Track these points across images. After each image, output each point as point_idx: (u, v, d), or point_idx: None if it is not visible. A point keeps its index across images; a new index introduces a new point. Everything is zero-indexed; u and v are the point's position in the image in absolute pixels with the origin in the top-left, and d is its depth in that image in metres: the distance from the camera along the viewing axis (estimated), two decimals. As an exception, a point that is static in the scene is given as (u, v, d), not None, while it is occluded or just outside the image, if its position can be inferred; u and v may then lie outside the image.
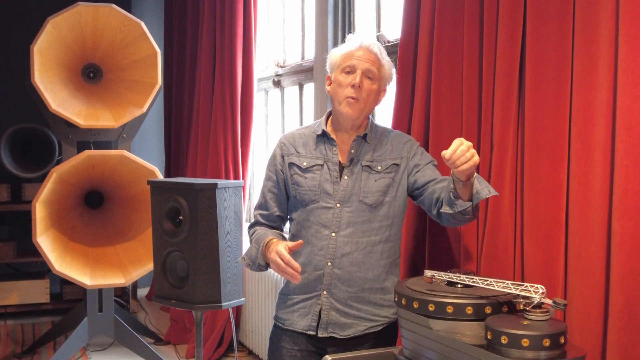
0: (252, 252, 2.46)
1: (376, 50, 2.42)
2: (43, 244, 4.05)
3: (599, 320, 1.94)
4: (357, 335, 2.39)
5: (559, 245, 2.10)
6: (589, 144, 1.99)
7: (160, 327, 5.38)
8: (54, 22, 4.08)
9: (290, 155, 2.48)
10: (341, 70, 2.40)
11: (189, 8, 5.51)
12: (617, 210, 1.86)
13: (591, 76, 1.99)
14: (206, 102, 4.93)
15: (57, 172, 4.05)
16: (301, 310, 2.43)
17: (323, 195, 2.39)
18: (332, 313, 2.38)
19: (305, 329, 2.41)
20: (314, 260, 2.38)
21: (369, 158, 2.41)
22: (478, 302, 1.87)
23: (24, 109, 5.75)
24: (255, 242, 2.46)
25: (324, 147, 2.45)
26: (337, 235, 2.36)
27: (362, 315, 2.39)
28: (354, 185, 2.38)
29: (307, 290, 2.41)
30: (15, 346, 5.02)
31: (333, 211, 2.37)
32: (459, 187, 2.10)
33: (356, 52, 2.40)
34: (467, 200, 2.12)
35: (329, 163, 2.42)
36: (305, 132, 2.52)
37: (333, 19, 3.88)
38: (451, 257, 2.55)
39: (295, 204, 2.47)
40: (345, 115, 2.39)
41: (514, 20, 2.24)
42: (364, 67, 2.37)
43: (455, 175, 2.07)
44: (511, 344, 1.69)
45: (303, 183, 2.43)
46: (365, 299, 2.39)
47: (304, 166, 2.44)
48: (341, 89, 2.39)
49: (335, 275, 2.36)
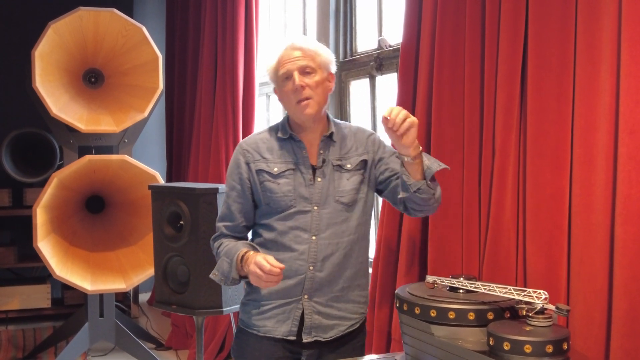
0: (224, 266, 2.35)
1: (301, 44, 2.35)
2: (44, 249, 4.04)
3: (602, 326, 1.93)
4: (339, 336, 2.38)
5: (561, 251, 2.09)
6: (591, 149, 1.99)
7: (161, 333, 5.37)
8: (55, 27, 4.08)
9: (257, 161, 2.38)
10: (281, 80, 2.34)
11: (190, 13, 5.52)
12: (620, 216, 1.86)
13: (593, 81, 1.99)
14: (207, 107, 4.92)
15: (57, 177, 4.04)
16: (279, 316, 2.36)
17: (299, 200, 2.32)
18: (315, 316, 2.34)
19: (285, 335, 2.35)
20: (294, 266, 2.31)
21: (337, 157, 2.38)
22: (480, 308, 1.86)
23: (25, 114, 5.74)
24: (226, 256, 2.35)
25: (292, 150, 2.37)
26: (318, 238, 2.32)
27: (343, 315, 2.38)
28: (329, 186, 2.34)
29: (285, 295, 2.34)
30: (17, 351, 5.01)
31: (311, 214, 2.32)
32: (409, 166, 2.17)
33: (284, 56, 2.34)
34: (419, 179, 2.18)
35: (301, 166, 2.35)
36: (267, 137, 2.42)
37: (334, 23, 3.88)
38: (453, 262, 2.54)
39: (267, 211, 2.37)
40: (305, 116, 2.32)
41: (516, 25, 2.23)
42: (297, 66, 2.31)
43: (402, 152, 2.15)
44: (513, 350, 1.68)
45: (277, 189, 2.34)
46: (345, 298, 2.37)
47: (275, 172, 2.35)
48: (288, 97, 2.33)
49: (318, 278, 2.32)
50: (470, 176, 2.45)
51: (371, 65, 3.53)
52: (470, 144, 2.45)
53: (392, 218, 2.84)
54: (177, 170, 5.94)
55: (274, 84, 2.40)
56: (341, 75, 3.87)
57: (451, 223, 2.53)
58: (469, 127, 2.46)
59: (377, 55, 3.48)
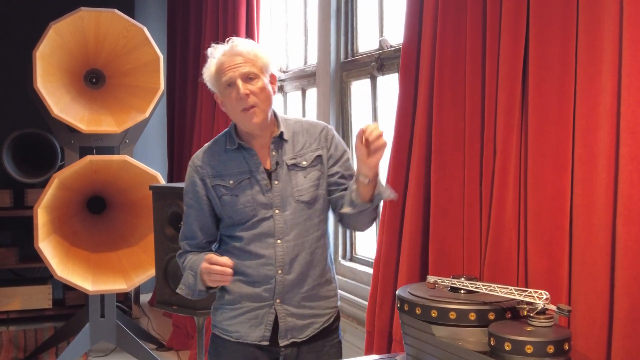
0: (189, 280, 2.33)
1: (240, 48, 2.27)
2: (45, 249, 4.04)
3: (603, 327, 1.92)
4: (315, 334, 2.37)
5: (563, 251, 2.08)
6: (592, 149, 1.98)
7: (162, 333, 5.37)
8: (57, 28, 4.08)
9: (212, 177, 2.33)
10: (223, 88, 2.27)
11: (191, 13, 5.52)
12: (622, 216, 1.85)
13: (595, 80, 1.98)
14: (209, 107, 4.92)
15: (58, 178, 4.05)
16: (252, 321, 2.33)
17: (259, 207, 2.29)
18: (288, 319, 2.32)
19: (258, 340, 2.33)
20: (262, 271, 2.29)
21: (291, 156, 2.34)
22: (481, 308, 1.85)
23: (26, 115, 5.74)
24: (190, 269, 2.33)
25: (243, 159, 2.32)
26: (283, 241, 2.29)
27: (316, 313, 2.37)
28: (287, 187, 2.31)
29: (256, 299, 2.32)
30: (18, 352, 5.01)
31: (274, 219, 2.29)
32: (363, 186, 2.18)
33: (225, 62, 2.26)
34: (367, 201, 2.20)
35: (255, 173, 2.31)
36: (216, 149, 2.37)
37: (336, 23, 3.88)
38: (454, 262, 2.54)
39: (231, 223, 2.34)
40: (252, 126, 2.27)
41: (517, 25, 2.23)
42: (240, 73, 2.24)
43: (363, 172, 2.14)
44: (515, 350, 1.67)
45: (235, 202, 2.30)
46: (315, 295, 2.36)
47: (232, 185, 2.31)
48: (232, 106, 2.26)
49: (287, 281, 2.30)
50: (471, 176, 2.44)
51: (372, 65, 3.52)
52: (471, 144, 2.44)
53: (392, 218, 2.84)
54: (178, 170, 5.94)
55: (216, 90, 2.33)
56: (342, 75, 3.86)
57: (452, 223, 2.52)
58: (470, 127, 2.45)
59: (378, 56, 3.48)
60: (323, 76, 3.93)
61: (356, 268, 3.71)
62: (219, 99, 2.34)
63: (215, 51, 2.32)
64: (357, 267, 3.72)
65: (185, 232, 2.42)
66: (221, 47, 2.31)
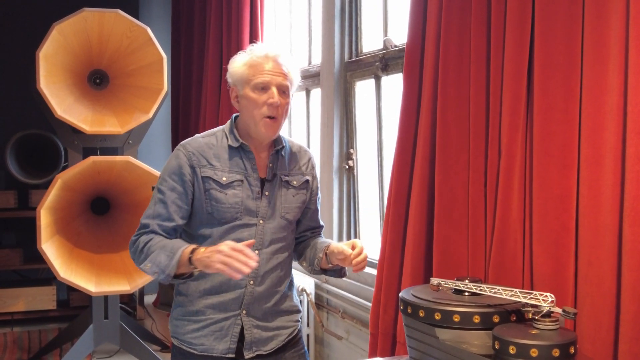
0: (161, 259, 2.13)
1: (284, 60, 2.25)
2: (48, 250, 4.03)
3: (610, 330, 1.90)
4: (283, 344, 2.36)
5: (568, 253, 2.06)
6: (599, 149, 1.96)
7: (166, 335, 5.35)
8: (60, 28, 4.07)
9: (203, 167, 2.24)
10: (253, 86, 2.22)
11: (196, 14, 5.51)
12: (629, 217, 1.83)
13: (601, 80, 1.96)
14: (213, 108, 4.91)
15: (62, 179, 4.04)
16: (217, 333, 2.27)
17: (245, 213, 2.24)
18: (254, 331, 2.29)
19: (224, 353, 2.26)
20: (233, 279, 2.14)
21: (286, 172, 2.33)
22: (486, 311, 1.83)
23: (29, 115, 5.75)
24: (163, 250, 2.15)
25: (241, 160, 2.27)
26: (261, 252, 2.26)
27: (280, 325, 2.35)
28: (276, 201, 2.29)
29: (223, 309, 2.26)
30: (22, 353, 5.00)
31: (256, 228, 2.26)
32: (324, 261, 2.30)
33: (265, 65, 2.22)
34: (324, 268, 2.33)
35: (249, 178, 2.26)
36: (213, 142, 2.29)
37: (340, 23, 3.86)
38: (458, 264, 2.52)
39: (208, 221, 2.25)
40: (264, 135, 2.24)
41: (522, 23, 2.21)
42: (277, 83, 2.21)
43: (333, 261, 2.25)
44: (519, 354, 1.65)
45: (223, 200, 2.22)
46: (279, 310, 2.35)
47: (224, 182, 2.23)
48: (257, 108, 2.21)
49: (256, 292, 2.27)
50: (476, 177, 2.42)
51: (376, 65, 3.50)
52: (476, 144, 2.42)
53: (396, 220, 2.82)
54: (182, 171, 5.92)
55: (237, 84, 2.28)
56: (346, 75, 3.84)
57: (456, 224, 2.50)
58: (475, 127, 2.43)
59: (382, 56, 3.46)
60: (327, 76, 3.91)
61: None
62: (237, 92, 2.30)
63: (257, 48, 2.28)
64: (362, 268, 3.70)
65: (158, 211, 2.23)
66: (265, 47, 2.28)
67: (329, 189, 3.88)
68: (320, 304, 4.01)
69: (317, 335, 4.04)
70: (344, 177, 3.88)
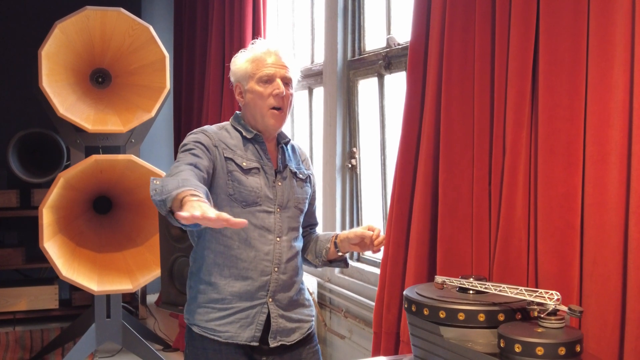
0: (170, 185, 1.94)
1: (289, 56, 2.32)
2: (50, 249, 4.03)
3: (615, 328, 1.89)
4: (301, 338, 2.37)
5: (574, 251, 2.05)
6: (604, 147, 1.95)
7: (169, 334, 5.35)
8: (62, 27, 4.07)
9: (225, 149, 2.25)
10: (257, 80, 2.27)
11: (198, 12, 5.51)
12: (634, 215, 1.82)
13: (606, 77, 1.95)
14: (215, 107, 4.91)
15: (64, 177, 4.03)
16: (242, 321, 2.27)
17: (265, 199, 2.27)
18: (279, 320, 2.30)
19: (249, 341, 2.27)
20: (260, 266, 2.26)
21: (294, 165, 2.40)
22: (490, 309, 1.82)
23: (32, 114, 5.75)
24: (178, 179, 1.97)
25: (256, 150, 2.31)
26: (281, 240, 2.30)
27: (301, 318, 2.38)
28: (289, 191, 2.34)
29: (248, 297, 2.27)
30: (24, 352, 5.00)
31: (274, 216, 2.29)
32: (332, 251, 2.39)
33: (267, 59, 2.29)
34: (331, 259, 2.42)
35: (265, 167, 2.30)
36: (230, 131, 2.32)
37: (343, 22, 3.85)
38: (463, 262, 2.51)
39: (228, 203, 2.22)
40: (271, 127, 2.29)
41: (527, 20, 2.20)
42: (281, 74, 2.28)
43: (344, 249, 2.36)
44: (525, 352, 1.64)
45: (246, 183, 2.24)
46: (298, 301, 2.38)
47: (245, 167, 2.25)
48: (262, 100, 2.27)
49: (281, 281, 2.30)
50: (480, 175, 2.41)
51: (380, 64, 3.49)
52: (480, 142, 2.42)
53: (400, 218, 2.81)
54: (184, 170, 5.91)
55: (240, 80, 2.33)
56: (349, 74, 3.83)
57: (461, 222, 2.50)
58: (479, 125, 2.43)
59: (385, 54, 3.45)
60: (330, 75, 3.90)
61: (363, 268, 3.68)
62: (241, 89, 2.34)
63: (258, 44, 2.33)
64: (365, 267, 3.70)
65: (190, 160, 2.13)
66: (265, 42, 2.34)
67: (332, 187, 3.88)
68: (323, 303, 4.00)
69: (320, 334, 4.03)
70: (347, 176, 3.87)
